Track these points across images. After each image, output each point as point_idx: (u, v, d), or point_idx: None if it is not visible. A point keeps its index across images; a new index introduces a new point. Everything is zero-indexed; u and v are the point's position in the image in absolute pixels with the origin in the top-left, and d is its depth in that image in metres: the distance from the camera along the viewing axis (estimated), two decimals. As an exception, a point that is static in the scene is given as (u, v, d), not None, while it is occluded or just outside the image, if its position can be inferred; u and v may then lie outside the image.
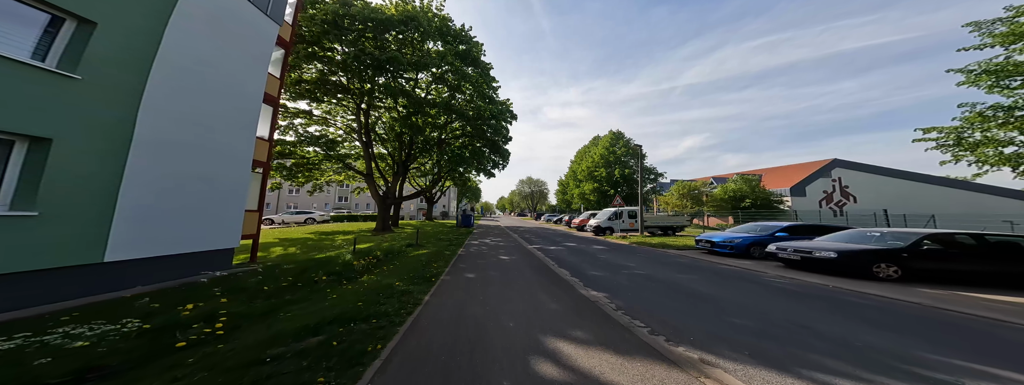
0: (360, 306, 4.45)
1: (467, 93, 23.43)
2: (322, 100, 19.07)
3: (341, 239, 16.53)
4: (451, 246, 13.06)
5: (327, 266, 7.54)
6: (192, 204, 7.32)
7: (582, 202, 48.27)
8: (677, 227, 20.06)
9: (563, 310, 4.67)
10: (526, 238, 18.56)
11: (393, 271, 7.33)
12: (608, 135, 48.11)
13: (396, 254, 10.28)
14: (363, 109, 20.30)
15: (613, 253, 11.55)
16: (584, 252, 11.87)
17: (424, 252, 10.93)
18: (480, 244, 14.52)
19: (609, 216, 21.21)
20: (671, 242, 15.15)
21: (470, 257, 10.15)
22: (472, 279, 6.71)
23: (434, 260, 9.08)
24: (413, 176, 35.85)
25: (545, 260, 9.73)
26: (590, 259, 9.99)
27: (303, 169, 18.22)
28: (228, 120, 8.28)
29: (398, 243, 13.78)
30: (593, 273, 7.61)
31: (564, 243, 15.63)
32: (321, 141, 17.09)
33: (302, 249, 12.77)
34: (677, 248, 12.90)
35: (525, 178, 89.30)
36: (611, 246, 14.25)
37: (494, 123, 22.60)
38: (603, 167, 45.43)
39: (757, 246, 9.35)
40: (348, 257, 9.10)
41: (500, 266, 8.46)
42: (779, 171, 42.82)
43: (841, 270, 6.74)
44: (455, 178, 29.83)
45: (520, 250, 12.39)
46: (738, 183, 33.46)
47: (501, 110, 23.80)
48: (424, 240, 15.43)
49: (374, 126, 23.65)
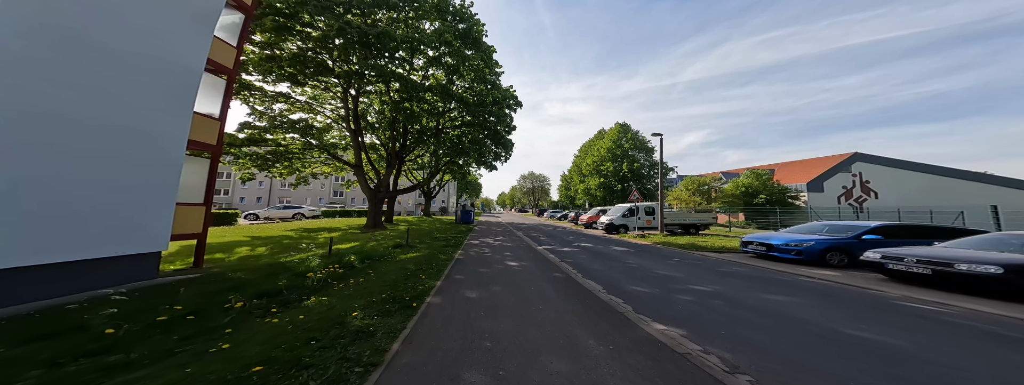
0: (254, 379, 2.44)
1: (467, 78, 21.31)
2: (304, 83, 16.95)
3: (324, 237, 14.57)
4: (448, 247, 11.05)
5: (271, 281, 5.53)
6: (87, 195, 5.29)
7: (587, 198, 46.24)
8: (701, 225, 18.04)
9: (638, 375, 2.65)
10: (532, 237, 16.57)
11: (362, 287, 5.32)
12: (615, 128, 45.96)
13: (378, 259, 8.26)
14: (352, 95, 18.21)
15: (641, 257, 9.56)
16: (606, 256, 9.87)
17: (413, 256, 8.92)
18: (482, 245, 12.51)
19: (623, 212, 19.20)
20: (700, 242, 13.15)
21: (470, 263, 8.13)
22: (472, 301, 4.70)
23: (424, 268, 7.06)
24: (410, 169, 33.75)
25: (563, 267, 7.73)
26: (619, 266, 7.99)
27: (281, 158, 16.15)
28: (148, 90, 6.22)
29: (386, 243, 11.78)
30: (636, 289, 5.61)
31: (577, 243, 13.64)
32: (298, 126, 14.91)
33: (274, 249, 10.81)
34: (714, 251, 10.90)
35: (526, 173, 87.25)
36: (634, 247, 12.24)
37: (496, 110, 20.48)
38: (610, 161, 43.33)
39: (837, 252, 7.33)
40: (316, 262, 7.09)
41: (509, 278, 6.45)
42: (793, 166, 41.00)
43: (1011, 293, 4.66)
44: (454, 171, 27.77)
45: (529, 253, 10.38)
46: (750, 178, 31.61)
47: (504, 96, 21.68)
48: (418, 239, 13.44)
49: (365, 114, 21.57)
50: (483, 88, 21.27)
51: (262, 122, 14.44)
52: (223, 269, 7.40)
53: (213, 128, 8.20)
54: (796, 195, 31.97)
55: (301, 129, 14.76)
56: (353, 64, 16.12)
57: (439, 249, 10.50)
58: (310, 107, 20.34)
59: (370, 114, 22.89)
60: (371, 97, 21.21)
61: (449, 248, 10.84)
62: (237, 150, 13.82)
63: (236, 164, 14.59)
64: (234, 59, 8.81)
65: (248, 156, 14.66)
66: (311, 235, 15.05)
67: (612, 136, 45.31)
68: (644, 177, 42.44)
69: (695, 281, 6.26)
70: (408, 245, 11.02)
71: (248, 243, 12.35)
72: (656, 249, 11.74)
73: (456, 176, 29.66)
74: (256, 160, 15.32)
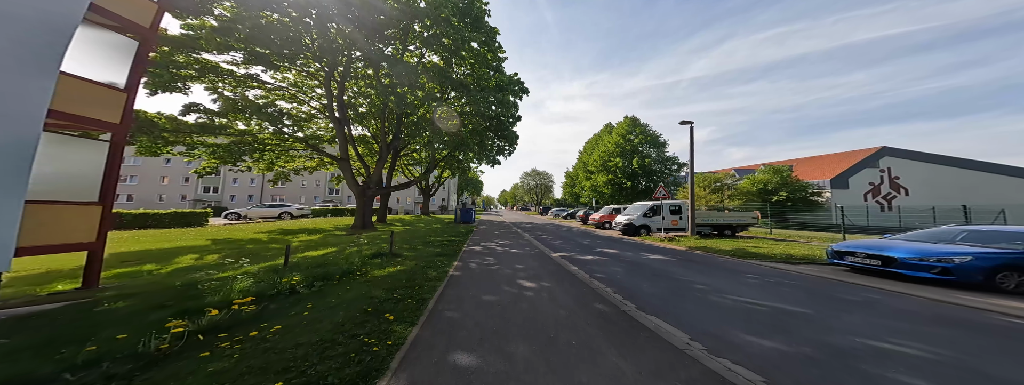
0: None
1: (467, 62, 19.01)
2: (279, 66, 14.68)
3: (301, 240, 12.40)
4: (441, 257, 8.79)
5: (136, 321, 3.28)
6: None
7: (594, 195, 43.93)
8: (737, 226, 15.70)
9: None
10: (541, 239, 14.31)
11: (274, 345, 3.08)
12: (624, 121, 43.55)
13: (340, 277, 5.99)
14: (336, 79, 15.95)
15: (694, 270, 7.30)
16: (646, 268, 7.61)
17: (394, 271, 6.66)
18: (484, 252, 10.25)
19: (644, 211, 16.90)
20: (751, 247, 10.87)
21: (468, 285, 5.87)
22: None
23: (399, 296, 4.78)
24: (406, 165, 31.45)
25: (600, 289, 5.48)
26: (676, 287, 5.73)
27: (251, 150, 13.88)
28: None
29: (368, 250, 9.55)
30: (758, 343, 3.35)
31: (598, 248, 11.37)
32: (267, 111, 12.53)
33: (226, 257, 8.67)
34: (783, 261, 8.61)
35: (529, 170, 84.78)
36: (672, 255, 9.96)
37: (500, 97, 18.13)
38: (619, 157, 40.96)
39: (1011, 271, 5.02)
40: (244, 284, 4.85)
41: (531, 317, 4.16)
42: (813, 162, 38.83)
43: None
44: (453, 166, 25.50)
45: (545, 264, 8.12)
46: (767, 174, 29.58)
47: (509, 81, 19.37)
48: (408, 244, 11.21)
49: (354, 104, 19.29)
50: (485, 72, 18.98)
51: (219, 106, 12.02)
52: (117, 294, 5.17)
53: (115, 101, 5.94)
54: (818, 192, 30.00)
55: (269, 115, 12.38)
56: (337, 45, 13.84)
57: (430, 259, 8.24)
58: (294, 96, 18.11)
59: (360, 104, 20.64)
60: (359, 84, 18.91)
61: (443, 258, 8.58)
62: (189, 138, 11.57)
63: (190, 155, 12.33)
64: (152, 18, 6.54)
65: (208, 147, 12.41)
66: (286, 238, 12.86)
67: (621, 130, 42.91)
68: (656, 173, 40.06)
69: (837, 321, 3.98)
70: (392, 254, 8.76)
71: (202, 249, 10.16)
72: (703, 258, 9.45)
73: (455, 171, 27.38)
74: (220, 152, 13.05)
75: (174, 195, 38.18)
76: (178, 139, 11.14)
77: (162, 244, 10.80)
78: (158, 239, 11.36)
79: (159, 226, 14.92)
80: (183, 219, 15.70)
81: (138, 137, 10.12)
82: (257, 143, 13.81)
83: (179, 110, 10.46)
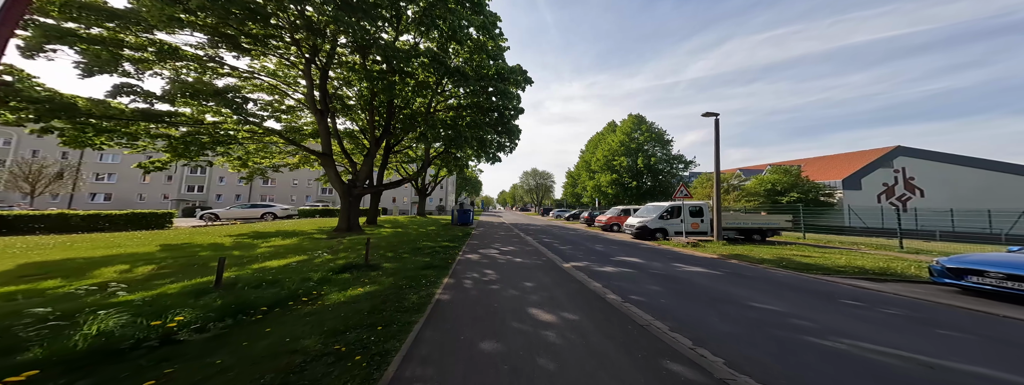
0: None
1: (466, 50, 17.32)
2: (250, 50, 12.90)
3: (272, 245, 10.63)
4: (429, 269, 7.03)
5: None
6: None
7: (597, 195, 42.22)
8: (766, 230, 13.96)
9: None
10: (548, 244, 12.58)
11: None
12: (629, 119, 41.91)
13: (276, 309, 4.23)
14: (318, 65, 14.20)
15: (762, 291, 5.59)
16: (692, 286, 5.89)
17: (359, 295, 4.90)
18: (482, 261, 8.50)
19: (661, 213, 15.18)
20: (800, 257, 9.16)
21: (459, 318, 4.10)
22: None
23: (345, 348, 3.01)
24: (400, 162, 29.65)
25: (660, 332, 3.73)
26: (776, 327, 4.02)
27: (211, 143, 12.04)
28: None
29: (340, 259, 7.80)
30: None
31: (616, 256, 9.64)
32: (228, 97, 10.59)
33: (161, 270, 7.03)
34: (857, 276, 6.90)
35: (529, 170, 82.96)
36: (710, 266, 8.22)
37: (501, 87, 16.38)
38: (623, 155, 39.28)
39: None
40: (108, 323, 3.10)
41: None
42: (822, 162, 37.59)
43: None
44: (450, 164, 23.75)
45: (561, 280, 6.37)
46: (776, 174, 28.35)
47: (510, 70, 17.66)
48: (395, 250, 9.46)
49: (338, 93, 17.54)
50: (484, 60, 17.26)
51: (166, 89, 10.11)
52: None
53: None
54: (830, 193, 28.72)
55: (228, 100, 10.43)
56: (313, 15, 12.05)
57: (414, 274, 6.48)
58: (274, 88, 16.34)
59: (349, 97, 18.88)
60: (346, 73, 17.10)
61: (431, 272, 6.82)
62: (132, 127, 9.72)
63: (132, 147, 10.47)
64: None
65: (154, 137, 10.55)
66: (254, 243, 11.08)
67: (625, 129, 41.25)
68: (661, 172, 38.40)
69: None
70: (367, 266, 6.99)
71: (142, 258, 8.38)
72: (752, 270, 7.73)
73: (453, 170, 25.62)
74: (175, 144, 11.19)
75: (156, 194, 36.23)
76: (113, 127, 9.32)
77: (97, 251, 9.02)
78: (96, 245, 9.58)
79: (115, 229, 13.13)
80: (143, 221, 13.89)
81: (52, 122, 8.35)
82: (221, 135, 11.96)
83: (106, 92, 8.65)
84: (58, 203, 31.83)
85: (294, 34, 12.63)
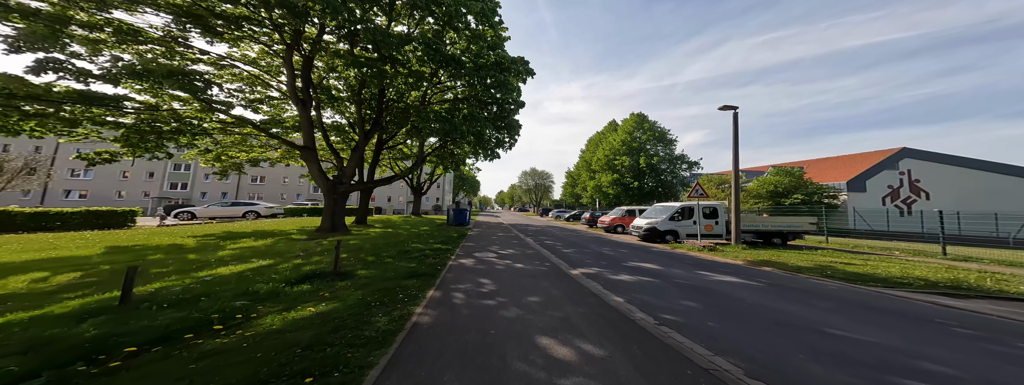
0: None
1: (463, 38, 16.16)
2: (222, 33, 11.59)
3: (241, 247, 9.35)
4: (412, 279, 5.80)
5: None
6: None
7: (598, 195, 41.12)
8: (788, 233, 12.79)
9: None
10: (549, 247, 11.39)
11: None
12: (631, 118, 40.90)
13: (172, 337, 3.01)
14: (302, 52, 12.94)
15: (827, 310, 4.39)
16: (732, 301, 4.70)
17: (309, 316, 3.66)
18: (478, 267, 7.28)
19: (671, 214, 14.03)
20: (841, 264, 8.01)
21: (437, 360, 2.89)
22: None
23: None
24: (394, 159, 28.34)
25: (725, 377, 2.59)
26: (897, 370, 2.86)
27: (173, 132, 10.68)
28: None
29: (309, 266, 6.55)
30: None
31: (628, 262, 8.45)
32: (179, 77, 9.00)
33: (91, 280, 5.80)
34: (927, 289, 5.75)
35: (528, 170, 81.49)
36: (741, 275, 7.05)
37: (501, 78, 15.17)
38: (625, 155, 38.22)
39: None
40: None
41: None
42: (825, 163, 36.93)
43: None
44: (446, 160, 22.48)
45: (571, 292, 5.15)
46: (778, 175, 27.51)
47: (511, 60, 16.48)
48: (378, 253, 8.21)
49: (325, 83, 16.25)
50: (482, 47, 16.06)
51: (106, 67, 8.60)
52: None
53: None
54: (834, 195, 27.91)
55: (184, 82, 8.85)
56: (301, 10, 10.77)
57: (392, 285, 5.25)
58: (257, 78, 15.02)
59: (340, 90, 17.61)
60: (333, 60, 15.78)
61: (414, 282, 5.59)
62: (71, 111, 8.29)
63: (71, 135, 8.99)
64: None
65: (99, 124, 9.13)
66: (220, 244, 9.79)
67: (627, 127, 40.22)
68: (664, 172, 37.35)
69: None
70: (336, 274, 5.75)
71: (72, 263, 7.11)
72: (792, 281, 6.56)
73: (449, 167, 24.34)
74: (130, 134, 9.77)
75: (136, 192, 34.54)
76: (42, 110, 7.91)
77: (25, 254, 7.72)
78: (28, 247, 8.27)
79: (67, 228, 11.78)
80: (99, 220, 12.53)
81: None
82: (185, 124, 10.57)
83: (26, 67, 7.22)
84: (30, 201, 30.22)
85: (271, 14, 11.38)
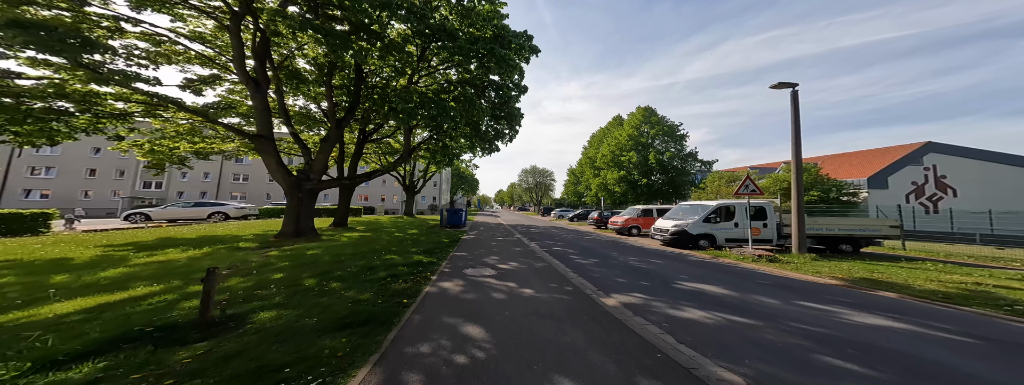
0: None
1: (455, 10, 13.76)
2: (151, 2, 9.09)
3: (140, 264, 6.88)
4: (341, 332, 3.34)
5: None
6: None
7: (603, 193, 38.69)
8: (859, 238, 10.30)
9: None
10: (560, 255, 8.86)
11: None
12: (637, 112, 38.51)
13: None
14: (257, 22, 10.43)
15: None
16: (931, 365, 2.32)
17: None
18: (466, 295, 4.79)
19: (706, 215, 11.59)
20: (973, 285, 5.62)
21: None
22: None
23: None
24: (384, 153, 25.81)
25: None
26: None
27: (60, 114, 8.14)
28: None
29: (225, 293, 4.06)
30: None
31: (676, 281, 5.96)
32: (45, 34, 6.21)
33: None
34: None
35: (528, 167, 78.79)
36: (857, 306, 4.59)
37: (501, 53, 12.67)
38: (632, 151, 35.81)
39: None
40: None
41: None
42: (842, 159, 34.85)
43: None
44: (438, 155, 19.97)
45: (625, 354, 2.73)
46: None
47: (513, 34, 14.04)
48: (329, 272, 5.74)
49: (285, 63, 13.70)
50: (477, 19, 13.58)
51: None
52: None
53: None
54: (855, 192, 25.75)
55: (51, 40, 6.07)
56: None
57: (284, 360, 2.79)
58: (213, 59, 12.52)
59: (308, 70, 15.11)
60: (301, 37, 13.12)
61: (338, 343, 3.13)
62: None
63: None
64: None
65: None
66: (127, 259, 7.30)
67: (634, 122, 37.81)
68: (675, 170, 34.92)
69: None
70: (204, 324, 3.29)
71: None
72: (949, 316, 4.15)
73: (442, 162, 21.82)
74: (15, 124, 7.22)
75: (105, 191, 31.90)
76: None
77: None
78: None
79: (-48, 234, 9.29)
80: (1, 225, 10.06)
81: None
82: (80, 102, 8.04)
83: None
84: (-15, 201, 27.61)
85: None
